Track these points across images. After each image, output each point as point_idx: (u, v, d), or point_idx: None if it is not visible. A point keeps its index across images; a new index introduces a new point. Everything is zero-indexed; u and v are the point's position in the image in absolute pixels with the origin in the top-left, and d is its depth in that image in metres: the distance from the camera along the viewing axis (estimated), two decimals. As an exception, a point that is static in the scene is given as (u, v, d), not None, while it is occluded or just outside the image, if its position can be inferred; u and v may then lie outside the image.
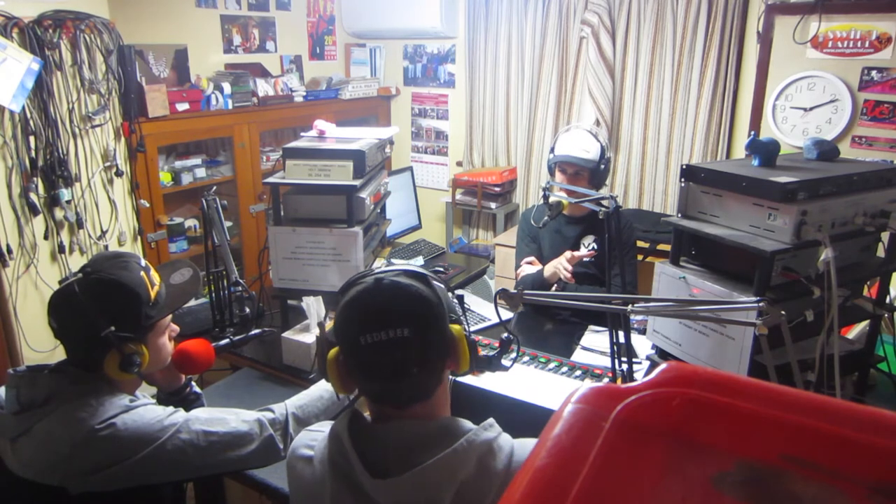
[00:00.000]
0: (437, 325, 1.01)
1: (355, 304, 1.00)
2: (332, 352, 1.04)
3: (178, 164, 3.30)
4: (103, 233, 2.88)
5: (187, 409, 1.31)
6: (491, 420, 1.03)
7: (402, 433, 0.99)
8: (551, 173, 2.39)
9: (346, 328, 1.01)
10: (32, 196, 2.56)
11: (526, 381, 1.75)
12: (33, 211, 2.58)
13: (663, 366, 0.50)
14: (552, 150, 2.36)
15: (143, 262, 1.33)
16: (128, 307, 1.25)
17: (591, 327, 2.20)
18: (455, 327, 1.04)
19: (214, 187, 2.28)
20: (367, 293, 1.00)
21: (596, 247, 2.41)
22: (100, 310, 1.22)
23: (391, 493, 0.94)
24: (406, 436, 0.99)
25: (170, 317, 1.39)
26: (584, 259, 2.27)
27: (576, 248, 2.43)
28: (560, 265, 2.22)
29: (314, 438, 1.10)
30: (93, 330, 1.21)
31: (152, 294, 1.30)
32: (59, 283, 1.26)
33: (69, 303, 1.22)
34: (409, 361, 0.97)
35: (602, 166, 2.29)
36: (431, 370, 1.01)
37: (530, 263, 2.41)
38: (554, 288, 2.23)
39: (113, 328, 1.21)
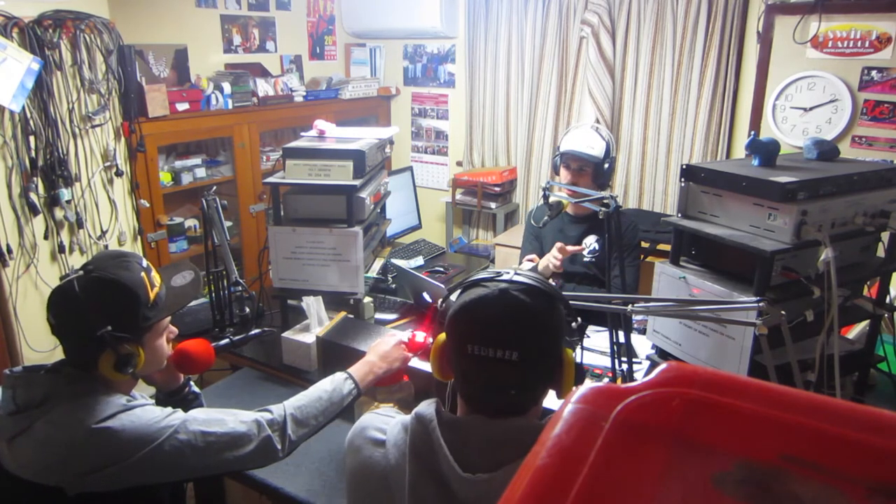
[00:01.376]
0: (550, 351, 0.98)
1: (471, 309, 0.97)
2: (441, 337, 1.03)
3: (178, 163, 3.30)
4: (103, 233, 2.88)
5: (186, 410, 1.31)
6: None
7: (487, 429, 0.97)
8: (556, 171, 2.40)
9: (455, 329, 0.98)
10: (32, 196, 2.56)
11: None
12: (33, 211, 2.58)
13: (663, 366, 0.50)
14: (558, 147, 2.39)
15: (145, 263, 1.32)
16: (126, 307, 1.25)
17: (591, 327, 2.20)
18: (567, 352, 1.00)
19: (214, 187, 2.28)
20: (487, 303, 0.96)
21: (598, 247, 2.41)
22: (97, 308, 1.21)
23: (476, 489, 0.92)
24: (491, 432, 0.97)
25: (168, 319, 1.38)
26: (585, 258, 2.27)
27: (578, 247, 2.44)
28: (550, 255, 2.25)
29: (386, 423, 1.08)
30: (89, 328, 1.20)
31: (152, 295, 1.29)
32: (60, 279, 1.26)
33: (67, 299, 1.22)
34: (509, 384, 0.95)
35: (606, 165, 2.30)
36: (530, 392, 0.99)
37: (531, 261, 2.42)
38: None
39: (109, 327, 1.21)
